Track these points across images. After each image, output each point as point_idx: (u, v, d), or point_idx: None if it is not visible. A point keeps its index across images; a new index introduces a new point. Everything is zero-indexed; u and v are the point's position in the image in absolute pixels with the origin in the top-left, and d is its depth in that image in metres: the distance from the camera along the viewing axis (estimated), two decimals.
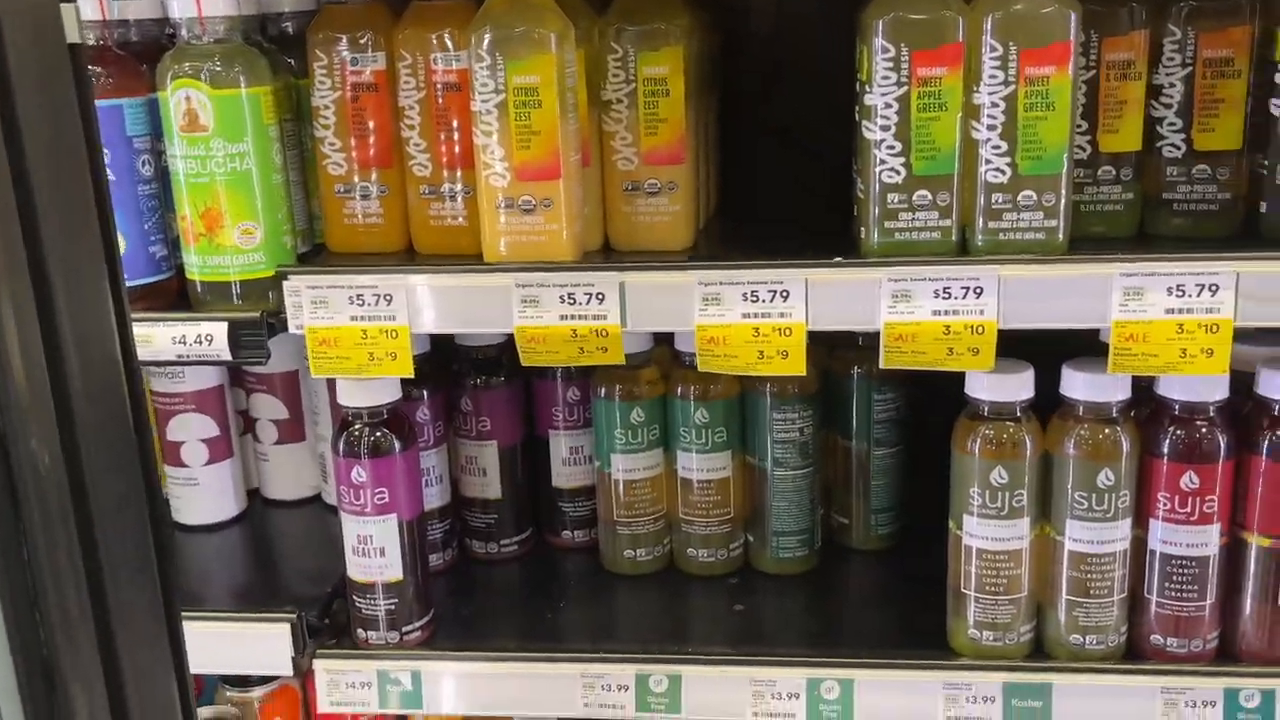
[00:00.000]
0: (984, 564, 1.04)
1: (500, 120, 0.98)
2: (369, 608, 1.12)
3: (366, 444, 1.08)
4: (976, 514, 1.03)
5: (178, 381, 1.31)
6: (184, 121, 1.02)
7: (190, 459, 1.33)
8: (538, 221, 1.00)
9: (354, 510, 1.10)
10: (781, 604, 1.21)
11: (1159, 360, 0.95)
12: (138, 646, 0.65)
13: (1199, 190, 1.02)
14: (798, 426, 1.21)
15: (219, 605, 1.19)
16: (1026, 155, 0.94)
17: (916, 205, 0.97)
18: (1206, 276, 0.93)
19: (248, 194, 1.05)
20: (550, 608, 1.22)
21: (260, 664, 1.16)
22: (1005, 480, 1.02)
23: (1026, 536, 1.04)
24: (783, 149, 1.48)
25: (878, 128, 0.95)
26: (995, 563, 1.04)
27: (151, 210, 1.10)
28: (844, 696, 1.07)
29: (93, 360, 0.61)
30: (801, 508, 1.24)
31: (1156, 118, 1.01)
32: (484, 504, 1.31)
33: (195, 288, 1.08)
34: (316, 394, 1.37)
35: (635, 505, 1.25)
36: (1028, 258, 0.95)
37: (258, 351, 1.05)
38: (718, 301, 0.99)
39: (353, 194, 1.09)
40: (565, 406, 1.30)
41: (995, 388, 1.02)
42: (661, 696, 1.09)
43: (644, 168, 1.05)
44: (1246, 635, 1.04)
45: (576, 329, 1.01)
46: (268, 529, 1.38)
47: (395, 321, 1.02)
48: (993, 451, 1.02)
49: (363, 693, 1.13)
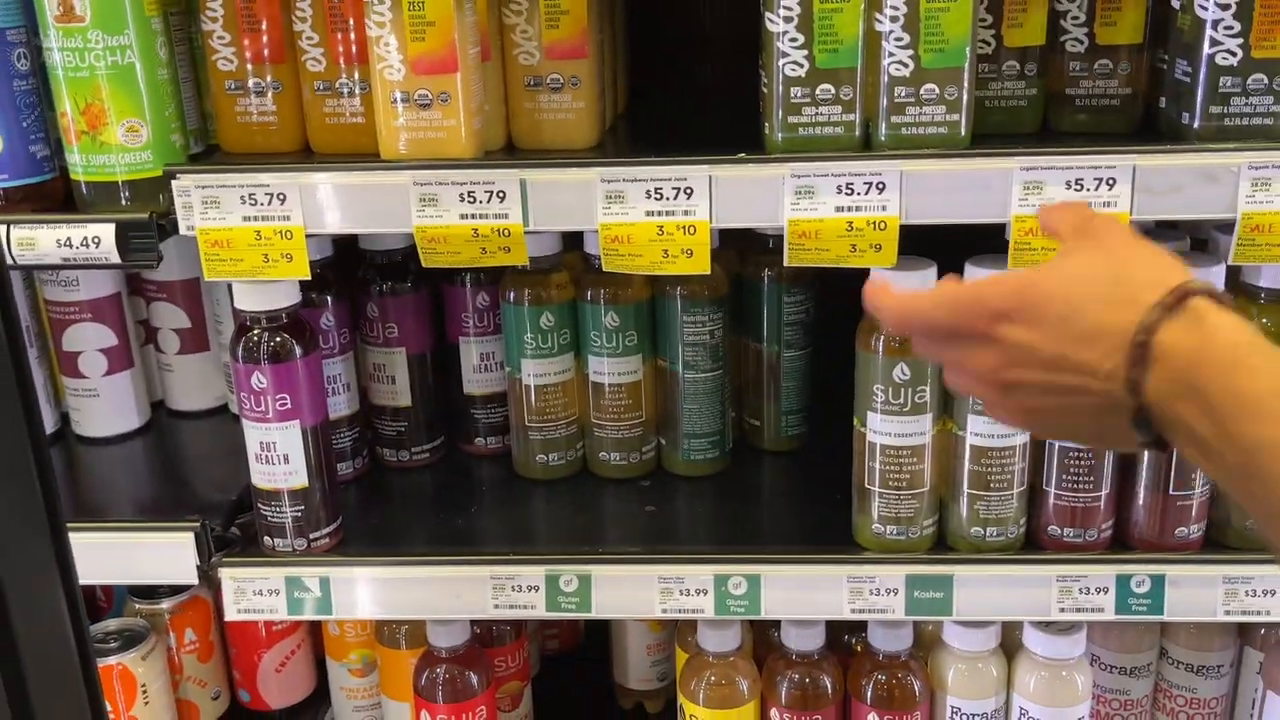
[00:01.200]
0: (887, 460, 1.06)
1: (393, 10, 0.94)
2: (274, 515, 1.11)
3: (266, 349, 1.06)
4: (880, 411, 1.04)
5: (72, 290, 1.27)
6: (59, 11, 0.97)
7: (89, 370, 1.30)
8: (435, 117, 0.97)
9: (256, 417, 1.08)
10: (692, 505, 1.22)
11: None
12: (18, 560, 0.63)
13: (1100, 85, 1.02)
14: (708, 329, 1.21)
15: (122, 517, 1.17)
16: (929, 48, 0.93)
17: (819, 99, 0.95)
18: (1104, 170, 0.93)
19: (131, 89, 1.00)
20: (462, 514, 1.21)
21: (166, 574, 1.15)
22: (907, 377, 1.03)
23: (928, 432, 1.05)
24: (697, 51, 1.46)
25: (780, 19, 0.94)
26: (898, 458, 1.06)
27: (29, 107, 1.05)
28: (751, 591, 1.09)
29: None
30: (712, 410, 1.24)
31: (1060, 12, 1.01)
32: (394, 412, 1.30)
33: (80, 188, 1.04)
34: (219, 302, 1.34)
35: (547, 411, 1.24)
36: (929, 152, 0.95)
37: (148, 254, 1.01)
38: (621, 200, 0.98)
39: (245, 91, 1.05)
40: (475, 313, 1.29)
41: (898, 284, 1.02)
42: (571, 596, 1.10)
43: (546, 62, 1.02)
44: (1138, 524, 1.08)
45: (478, 228, 0.99)
46: (173, 440, 1.35)
47: (290, 222, 0.99)
48: (895, 349, 1.03)
49: (270, 599, 1.12)
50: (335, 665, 1.38)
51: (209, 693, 1.35)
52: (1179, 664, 1.24)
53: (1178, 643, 1.23)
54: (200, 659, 1.33)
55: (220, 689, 1.37)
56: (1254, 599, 1.07)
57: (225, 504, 1.16)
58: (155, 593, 1.31)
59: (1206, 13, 0.92)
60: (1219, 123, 0.94)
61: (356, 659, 1.37)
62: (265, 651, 1.35)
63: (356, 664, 1.37)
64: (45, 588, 0.66)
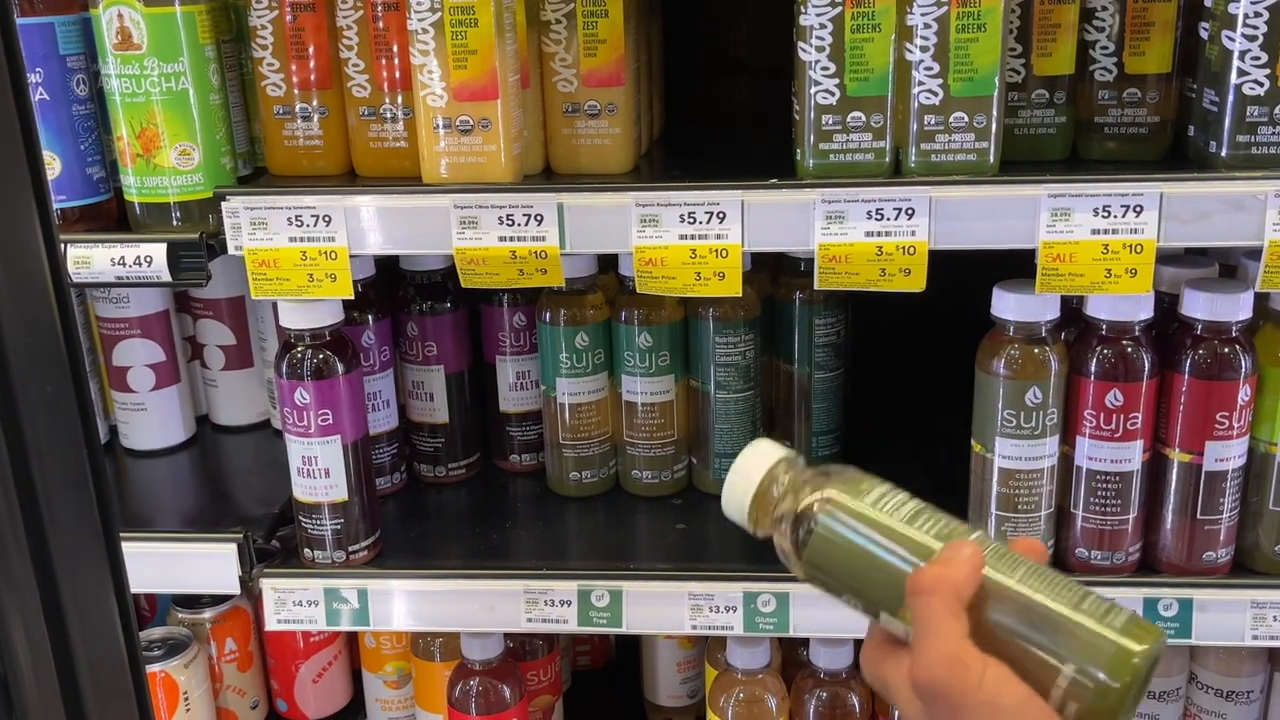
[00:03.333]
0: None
1: (437, 39, 0.98)
2: (315, 528, 1.14)
3: (309, 366, 1.09)
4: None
5: (122, 306, 1.31)
6: (117, 40, 1.01)
7: (137, 384, 1.34)
8: (476, 142, 1.00)
9: (298, 432, 1.11)
10: (723, 523, 1.21)
11: (1085, 280, 0.97)
12: (75, 566, 0.66)
13: (1129, 114, 1.03)
14: (740, 350, 1.23)
15: (167, 528, 1.20)
16: (958, 77, 0.95)
17: (850, 127, 0.98)
18: (1132, 198, 0.95)
19: (184, 114, 1.04)
20: (497, 529, 1.24)
21: (208, 584, 1.18)
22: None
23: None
24: (730, 78, 1.49)
25: (812, 49, 0.96)
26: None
27: (87, 131, 1.09)
28: (780, 609, 1.10)
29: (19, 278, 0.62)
30: (743, 430, 1.26)
31: (1089, 41, 1.03)
32: (431, 428, 1.33)
33: (134, 209, 1.07)
34: (264, 320, 1.37)
35: (581, 429, 1.26)
36: (958, 179, 0.96)
37: (198, 273, 1.05)
38: (655, 223, 1.00)
39: (292, 116, 1.08)
40: (511, 332, 1.31)
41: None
42: (603, 611, 1.12)
43: (583, 89, 1.05)
44: (1166, 548, 1.08)
45: (516, 250, 1.02)
46: (216, 454, 1.38)
47: (334, 243, 1.03)
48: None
49: (309, 610, 1.14)
50: (371, 677, 1.41)
51: (248, 702, 1.38)
52: (1208, 689, 1.24)
53: (1206, 667, 1.24)
54: (240, 668, 1.36)
55: (259, 698, 1.40)
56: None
57: (267, 516, 1.20)
58: (197, 603, 1.34)
59: (1234, 43, 0.93)
60: (1246, 151, 0.95)
61: (392, 671, 1.39)
62: (303, 662, 1.38)
63: (392, 676, 1.39)
64: (100, 595, 0.69)
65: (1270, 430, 1.05)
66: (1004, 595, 0.64)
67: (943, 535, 0.67)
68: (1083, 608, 0.63)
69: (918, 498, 0.71)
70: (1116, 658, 0.61)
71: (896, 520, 0.68)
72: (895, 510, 0.69)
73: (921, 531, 0.68)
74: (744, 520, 0.75)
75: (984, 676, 0.62)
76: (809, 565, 0.71)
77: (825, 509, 0.70)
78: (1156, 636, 0.62)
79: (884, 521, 0.68)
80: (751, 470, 0.73)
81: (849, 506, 0.69)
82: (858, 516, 0.69)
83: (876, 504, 0.69)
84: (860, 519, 0.69)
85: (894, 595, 0.67)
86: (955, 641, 0.63)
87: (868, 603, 0.69)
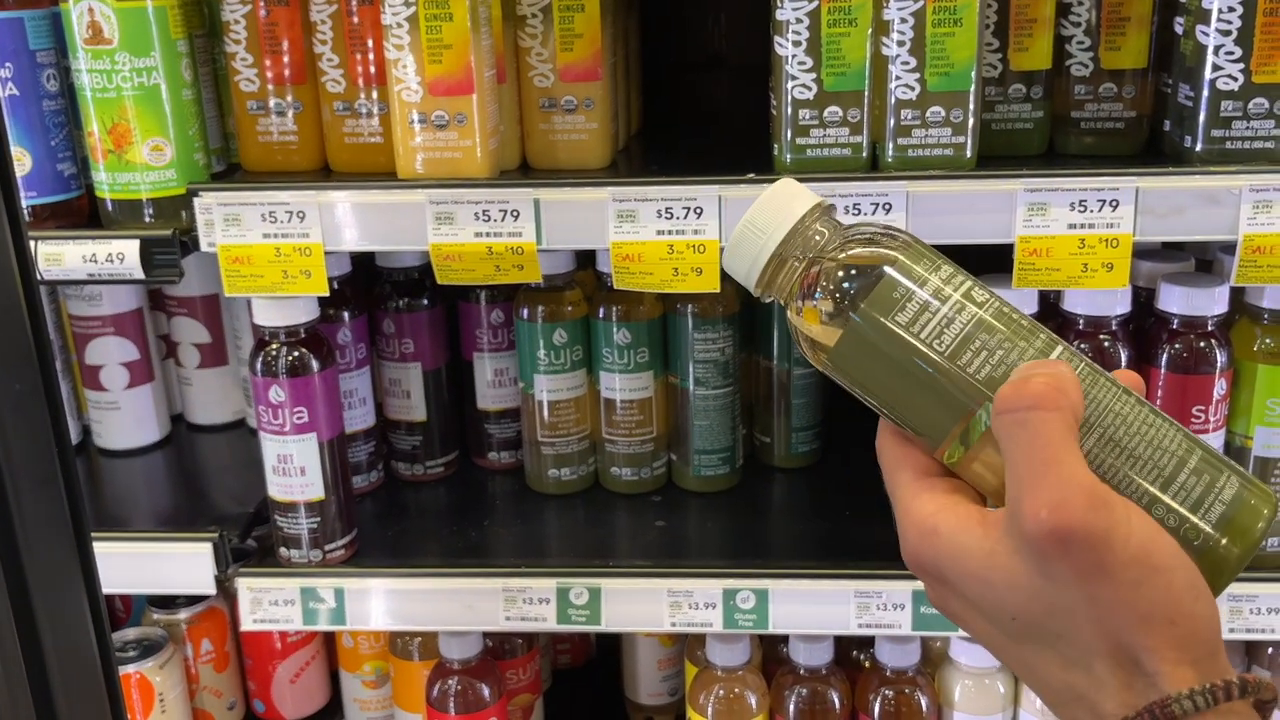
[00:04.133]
0: None
1: (411, 33, 0.97)
2: (291, 527, 1.13)
3: (284, 363, 1.08)
4: None
5: (95, 304, 1.30)
6: (88, 34, 1.00)
7: (110, 383, 1.32)
8: (451, 137, 0.99)
9: (273, 430, 1.10)
10: (702, 520, 1.24)
11: (1061, 275, 0.97)
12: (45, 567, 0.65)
13: (1105, 109, 1.04)
14: (719, 346, 1.23)
15: (141, 528, 1.19)
16: (935, 71, 0.95)
17: (827, 121, 0.97)
18: (1108, 192, 0.95)
19: (157, 110, 1.03)
20: (475, 527, 1.23)
21: (183, 584, 1.17)
22: None
23: None
24: (708, 73, 1.49)
25: (789, 43, 0.96)
26: None
27: (58, 126, 1.08)
28: (759, 606, 1.10)
29: None
30: (723, 427, 1.26)
31: (1065, 36, 1.03)
32: (409, 426, 1.32)
33: (106, 206, 1.06)
34: (238, 317, 1.36)
35: (559, 426, 1.26)
36: (934, 174, 0.96)
37: (171, 270, 1.04)
38: (632, 219, 1.00)
39: (266, 111, 1.07)
40: (489, 329, 1.31)
41: None
42: (582, 609, 1.12)
43: (560, 84, 1.05)
44: None
45: (492, 246, 1.01)
46: (191, 453, 1.37)
47: (309, 239, 1.02)
48: None
49: (286, 610, 1.14)
50: (349, 677, 1.40)
51: (224, 703, 1.37)
52: None
53: None
54: (216, 669, 1.35)
55: (235, 699, 1.39)
56: (1259, 617, 1.07)
57: (242, 516, 1.19)
58: (173, 603, 1.33)
59: (1208, 38, 0.93)
60: (1221, 146, 0.95)
61: (370, 670, 1.38)
62: (280, 662, 1.37)
63: (370, 675, 1.39)
64: (70, 595, 0.68)
65: (1246, 424, 1.05)
66: (1118, 429, 0.51)
67: (1037, 351, 0.53)
68: (1204, 454, 0.52)
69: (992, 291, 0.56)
70: (1247, 513, 0.51)
71: (976, 315, 0.53)
72: (968, 299, 0.54)
73: (1012, 336, 0.53)
74: (751, 278, 0.58)
75: (1132, 520, 0.48)
76: (837, 355, 0.55)
77: (875, 287, 0.54)
78: (1272, 499, 0.52)
79: (961, 315, 0.53)
80: (777, 216, 0.57)
81: (906, 290, 0.54)
82: (919, 304, 0.53)
83: (946, 287, 0.54)
84: (920, 311, 0.53)
85: (954, 407, 0.52)
86: (1089, 475, 0.48)
87: (917, 413, 0.54)
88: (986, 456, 0.53)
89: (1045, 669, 0.51)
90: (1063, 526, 0.47)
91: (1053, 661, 0.50)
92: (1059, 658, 0.50)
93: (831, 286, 0.55)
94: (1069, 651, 0.49)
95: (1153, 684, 0.47)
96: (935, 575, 0.53)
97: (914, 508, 0.53)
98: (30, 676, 0.64)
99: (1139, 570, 0.47)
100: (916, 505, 0.53)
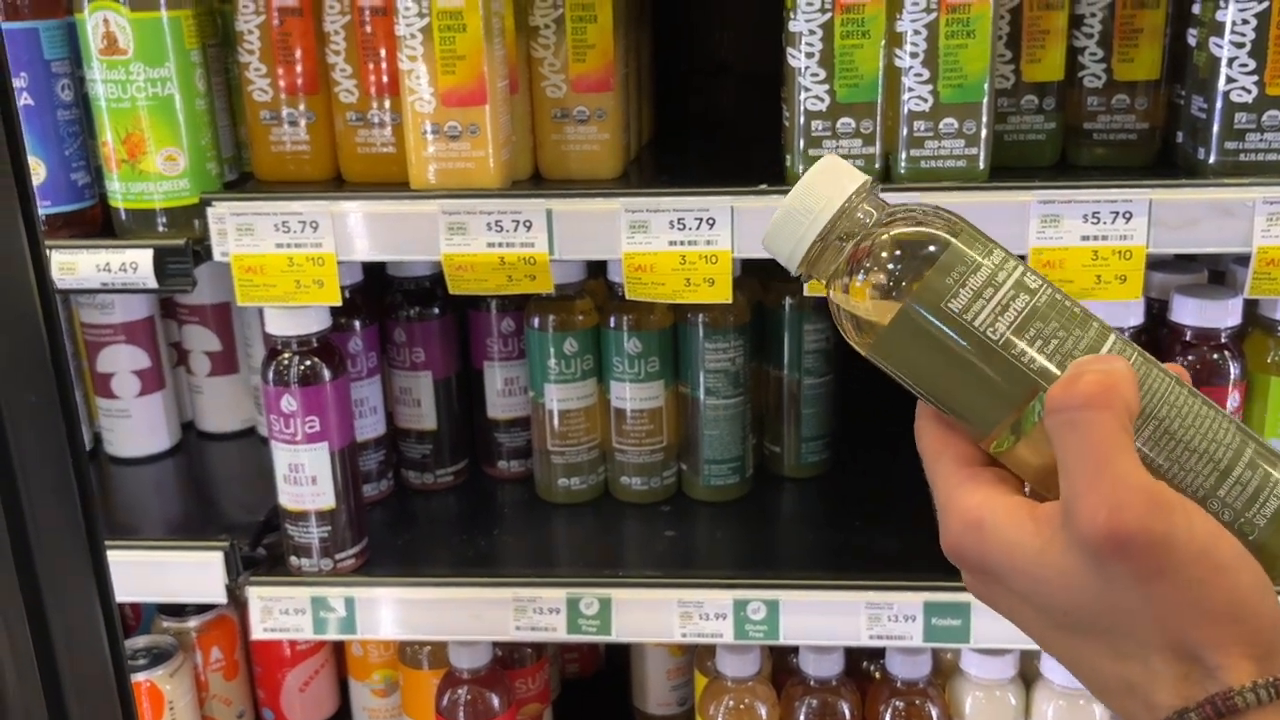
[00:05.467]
0: None
1: (425, 45, 0.97)
2: (302, 536, 1.13)
3: (296, 372, 1.08)
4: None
5: (107, 313, 1.30)
6: (103, 45, 1.00)
7: (121, 391, 1.33)
8: (464, 148, 1.00)
9: (285, 439, 1.10)
10: (712, 530, 1.23)
11: (1075, 286, 0.97)
12: (59, 575, 0.65)
13: (1118, 120, 1.03)
14: (729, 356, 1.23)
15: (152, 536, 1.19)
16: (948, 83, 0.95)
17: (840, 133, 0.97)
18: (1121, 204, 0.95)
19: (170, 120, 1.03)
20: (485, 536, 1.23)
21: (194, 592, 1.17)
22: None
23: None
24: (721, 83, 1.49)
25: (802, 54, 0.96)
26: None
27: (72, 136, 1.08)
28: (769, 616, 1.10)
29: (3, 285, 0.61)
30: (733, 436, 1.25)
31: (1078, 48, 1.03)
32: (419, 435, 1.32)
33: (119, 215, 1.06)
34: (249, 326, 1.37)
35: (569, 435, 1.26)
36: (948, 185, 0.96)
37: (183, 279, 1.04)
38: (645, 229, 1.00)
39: (279, 121, 1.08)
40: (500, 338, 1.31)
41: None
42: (592, 619, 1.11)
43: (572, 95, 1.05)
44: None
45: (504, 256, 1.01)
46: (202, 461, 1.38)
47: (321, 249, 1.02)
48: None
49: (296, 619, 1.14)
50: (358, 685, 1.40)
51: (234, 711, 1.37)
52: None
53: None
54: (226, 677, 1.35)
55: (245, 708, 1.39)
56: None
57: (253, 524, 1.19)
58: (183, 611, 1.33)
59: (1222, 50, 0.93)
60: (1234, 158, 0.95)
61: (379, 679, 1.38)
62: (289, 671, 1.37)
63: (379, 684, 1.39)
64: (85, 603, 0.69)
65: None
66: (1174, 421, 0.50)
67: (1091, 340, 0.51)
68: (1257, 447, 0.51)
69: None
70: None
71: (1031, 301, 0.51)
72: (1022, 285, 0.52)
73: (1067, 324, 0.51)
74: (795, 258, 0.56)
75: (1193, 520, 0.47)
76: (887, 337, 0.53)
77: (931, 268, 0.52)
78: None
79: (1016, 301, 0.51)
80: (826, 194, 0.55)
81: (962, 272, 0.51)
82: (975, 288, 0.51)
83: (1000, 271, 0.52)
84: (976, 295, 0.51)
85: (1008, 396, 0.51)
86: (1145, 475, 0.47)
87: (966, 401, 0.52)
88: (1038, 446, 0.51)
89: (1096, 660, 0.50)
90: (1121, 530, 0.46)
91: (1104, 654, 0.50)
92: (1111, 650, 0.49)
93: (883, 267, 0.53)
94: (1124, 645, 0.49)
95: (1213, 676, 0.47)
96: (978, 567, 0.52)
97: (957, 498, 0.52)
98: (44, 685, 0.64)
99: (1201, 569, 0.46)
100: (960, 495, 0.52)
